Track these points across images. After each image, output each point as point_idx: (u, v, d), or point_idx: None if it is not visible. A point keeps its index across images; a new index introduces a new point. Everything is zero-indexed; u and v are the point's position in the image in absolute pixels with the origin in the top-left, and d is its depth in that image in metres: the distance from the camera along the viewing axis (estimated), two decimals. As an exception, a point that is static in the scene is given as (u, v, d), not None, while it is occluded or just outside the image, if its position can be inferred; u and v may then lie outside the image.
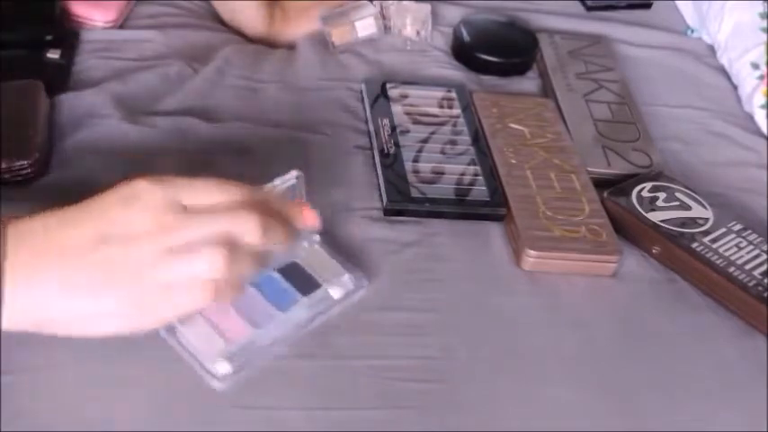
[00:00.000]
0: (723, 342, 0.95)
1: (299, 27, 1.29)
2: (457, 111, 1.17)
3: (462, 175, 1.07)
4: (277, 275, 0.87)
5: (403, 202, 1.03)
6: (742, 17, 1.33)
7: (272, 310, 0.85)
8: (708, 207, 1.06)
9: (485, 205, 1.04)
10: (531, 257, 0.99)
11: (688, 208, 1.06)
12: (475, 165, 1.09)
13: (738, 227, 1.04)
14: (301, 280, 0.87)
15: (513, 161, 1.10)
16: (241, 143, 1.08)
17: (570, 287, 0.98)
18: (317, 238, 0.90)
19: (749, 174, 1.17)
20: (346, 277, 0.89)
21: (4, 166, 0.98)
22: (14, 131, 1.00)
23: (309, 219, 0.83)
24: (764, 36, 1.30)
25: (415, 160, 1.08)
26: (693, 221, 1.04)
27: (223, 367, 0.81)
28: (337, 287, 0.88)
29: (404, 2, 1.29)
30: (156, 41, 1.23)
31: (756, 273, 0.99)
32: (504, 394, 0.87)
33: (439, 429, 0.83)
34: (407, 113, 1.15)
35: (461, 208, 1.04)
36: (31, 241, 0.72)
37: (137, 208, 0.74)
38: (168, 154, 1.05)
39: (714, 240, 1.02)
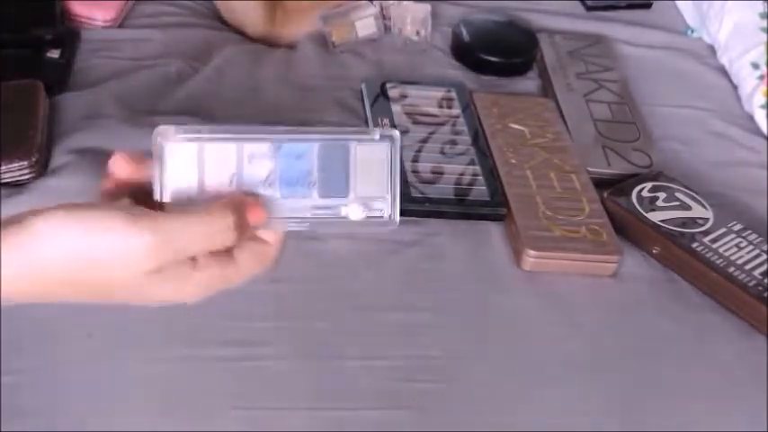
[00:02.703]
0: (723, 342, 0.95)
1: (300, 27, 1.29)
2: (457, 111, 1.17)
3: (462, 175, 1.07)
4: (314, 156, 0.63)
5: (403, 202, 1.02)
6: (742, 17, 1.33)
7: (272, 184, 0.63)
8: (708, 207, 1.06)
9: (485, 205, 1.04)
10: (531, 257, 0.99)
11: (688, 208, 1.06)
12: (475, 165, 1.08)
13: (738, 227, 1.04)
14: (332, 175, 0.63)
15: (513, 161, 1.10)
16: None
17: (570, 287, 0.98)
18: (396, 134, 0.65)
19: (749, 174, 1.17)
20: (380, 203, 0.66)
21: (3, 166, 0.98)
22: (14, 131, 1.00)
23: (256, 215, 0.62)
24: (764, 36, 1.30)
25: (415, 160, 1.08)
26: (693, 221, 1.04)
27: None
28: (361, 208, 0.65)
29: (404, 2, 1.29)
30: (155, 41, 1.23)
31: (756, 273, 0.99)
32: (504, 394, 0.87)
33: (439, 429, 0.83)
34: (407, 113, 1.15)
35: (461, 208, 1.04)
36: None
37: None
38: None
39: (714, 240, 1.02)
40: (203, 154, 0.61)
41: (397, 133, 0.62)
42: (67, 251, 0.55)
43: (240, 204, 0.58)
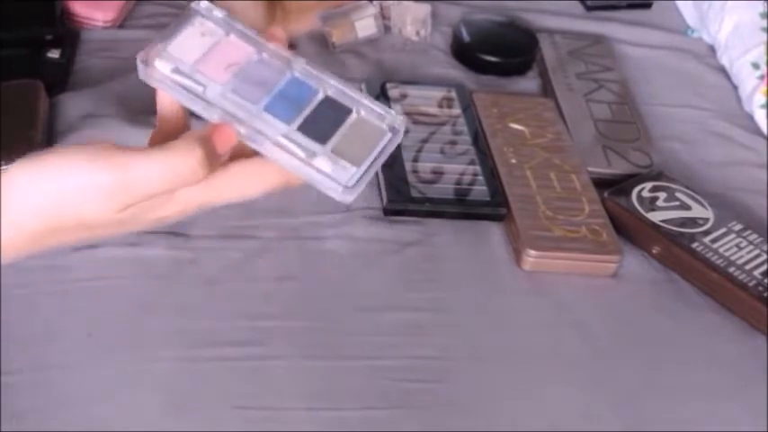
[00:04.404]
0: (723, 342, 0.95)
1: (300, 27, 1.29)
2: (457, 111, 1.16)
3: (462, 175, 1.07)
4: (317, 99, 0.60)
5: (403, 202, 1.03)
6: (742, 17, 1.33)
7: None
8: (708, 207, 1.06)
9: (485, 205, 1.04)
10: (531, 257, 0.99)
11: (688, 208, 1.06)
12: (475, 165, 1.08)
13: (738, 227, 1.04)
14: (321, 122, 0.60)
15: (514, 161, 1.10)
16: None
17: (570, 287, 0.98)
18: (401, 129, 0.61)
19: (749, 174, 1.17)
20: (348, 170, 0.58)
21: (3, 166, 0.98)
22: (14, 131, 1.00)
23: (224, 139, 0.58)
24: (764, 36, 1.30)
25: (415, 160, 1.08)
26: (693, 221, 1.04)
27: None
28: (329, 162, 0.58)
29: (404, 2, 1.29)
30: (155, 41, 1.23)
31: (756, 273, 0.99)
32: (504, 394, 0.87)
33: (439, 429, 0.83)
34: (407, 113, 1.15)
35: (461, 208, 1.04)
36: None
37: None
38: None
39: (714, 240, 1.02)
40: (221, 41, 0.61)
41: (402, 128, 0.60)
42: (40, 195, 0.54)
43: (207, 136, 0.55)
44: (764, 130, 1.24)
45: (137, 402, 0.81)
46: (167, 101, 0.58)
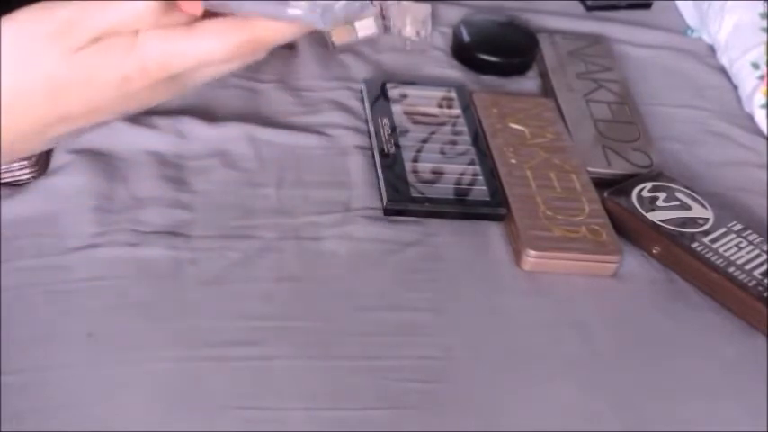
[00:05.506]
0: (723, 342, 0.95)
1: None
2: (457, 111, 1.17)
3: (462, 175, 1.07)
4: None
5: (403, 202, 1.03)
6: (742, 17, 1.33)
7: None
8: (708, 207, 1.06)
9: (485, 205, 1.04)
10: (531, 257, 0.99)
11: (688, 208, 1.06)
12: (475, 165, 1.09)
13: (738, 227, 1.04)
14: None
15: (514, 161, 1.10)
16: (240, 144, 1.08)
17: (570, 287, 0.98)
18: None
19: (749, 174, 1.17)
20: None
21: (3, 166, 0.98)
22: (14, 131, 1.00)
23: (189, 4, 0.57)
24: (764, 36, 1.30)
25: (415, 160, 1.08)
26: (693, 221, 1.04)
27: None
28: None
29: (404, 2, 1.29)
30: (155, 41, 1.23)
31: (756, 273, 0.99)
32: (504, 394, 0.87)
33: (439, 429, 0.83)
34: (407, 113, 1.15)
35: (461, 208, 1.04)
36: None
37: None
38: (167, 154, 1.05)
39: (714, 240, 1.02)
40: None
41: None
42: (10, 48, 0.55)
43: None
44: (764, 130, 1.24)
45: (137, 402, 0.81)
46: None
